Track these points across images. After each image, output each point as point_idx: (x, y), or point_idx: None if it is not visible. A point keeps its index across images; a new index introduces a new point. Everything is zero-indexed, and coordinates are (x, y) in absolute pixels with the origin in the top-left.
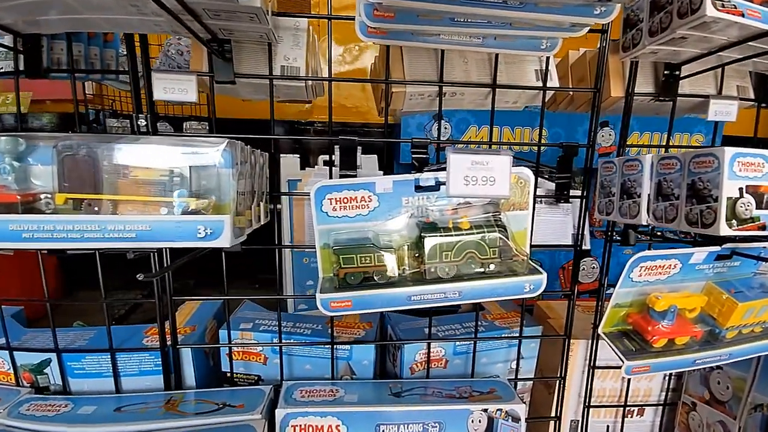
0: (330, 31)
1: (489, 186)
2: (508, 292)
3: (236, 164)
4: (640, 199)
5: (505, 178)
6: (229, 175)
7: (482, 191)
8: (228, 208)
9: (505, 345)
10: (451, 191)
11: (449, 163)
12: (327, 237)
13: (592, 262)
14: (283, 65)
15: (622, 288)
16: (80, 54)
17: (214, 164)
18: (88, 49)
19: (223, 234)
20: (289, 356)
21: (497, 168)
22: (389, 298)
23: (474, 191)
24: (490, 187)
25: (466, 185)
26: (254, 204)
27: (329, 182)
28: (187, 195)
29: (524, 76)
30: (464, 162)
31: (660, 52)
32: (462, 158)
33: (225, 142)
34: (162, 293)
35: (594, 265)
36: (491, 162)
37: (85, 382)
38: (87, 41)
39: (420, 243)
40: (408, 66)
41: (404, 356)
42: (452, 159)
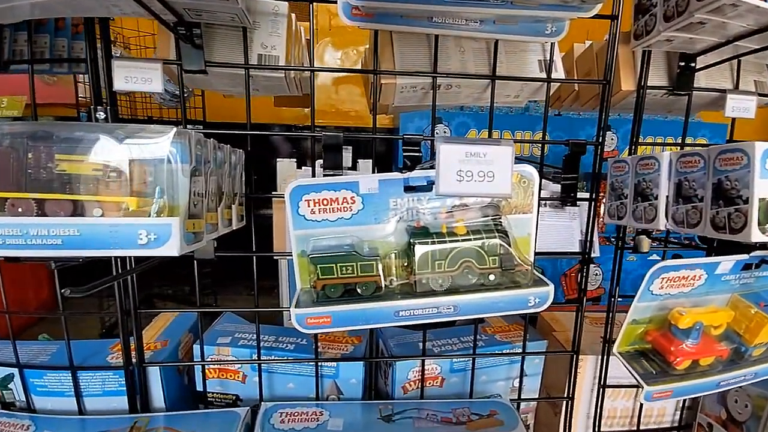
0: (312, 16)
1: (487, 183)
2: (510, 306)
3: (190, 159)
4: (657, 201)
5: (506, 173)
6: (179, 171)
7: (479, 189)
8: (179, 210)
9: (506, 361)
10: (442, 189)
11: (439, 155)
12: (304, 243)
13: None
14: (260, 54)
15: (641, 302)
16: (45, 45)
17: (162, 158)
18: (55, 40)
19: (171, 240)
20: (269, 374)
21: (497, 161)
22: (374, 314)
23: (469, 189)
24: (489, 184)
25: (459, 181)
26: (222, 206)
27: (306, 181)
28: (128, 194)
29: (526, 67)
30: (457, 153)
31: (675, 41)
32: (454, 149)
33: (173, 131)
34: (126, 305)
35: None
36: (489, 154)
37: (48, 401)
38: (54, 32)
39: (409, 250)
40: (399, 55)
41: (396, 374)
42: (443, 150)
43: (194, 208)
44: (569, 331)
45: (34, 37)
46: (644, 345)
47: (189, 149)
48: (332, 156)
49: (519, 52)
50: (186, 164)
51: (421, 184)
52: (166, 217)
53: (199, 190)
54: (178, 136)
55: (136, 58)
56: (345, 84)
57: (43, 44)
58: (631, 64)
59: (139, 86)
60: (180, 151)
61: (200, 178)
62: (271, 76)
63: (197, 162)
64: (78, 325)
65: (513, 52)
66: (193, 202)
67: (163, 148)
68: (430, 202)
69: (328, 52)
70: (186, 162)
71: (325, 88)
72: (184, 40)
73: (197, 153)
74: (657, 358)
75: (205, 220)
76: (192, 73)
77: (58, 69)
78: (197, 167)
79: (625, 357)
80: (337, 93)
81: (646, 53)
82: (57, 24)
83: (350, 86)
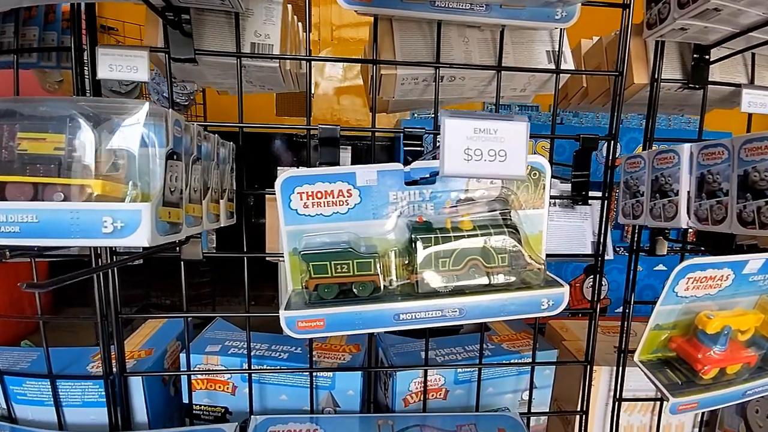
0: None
1: (498, 163)
2: (521, 309)
3: (167, 140)
4: (677, 197)
5: (520, 152)
6: (155, 156)
7: (489, 169)
8: (152, 196)
9: (514, 372)
10: (447, 169)
11: (443, 131)
12: (297, 240)
13: None
14: (253, 42)
15: (665, 305)
16: (34, 38)
17: (133, 137)
18: (44, 33)
19: (141, 229)
20: (261, 385)
21: (509, 138)
22: (371, 317)
23: (477, 169)
24: (500, 164)
25: (466, 161)
26: (207, 199)
27: (298, 172)
28: (92, 177)
29: (534, 58)
30: (464, 129)
31: (690, 29)
32: (461, 124)
33: (145, 106)
34: (106, 309)
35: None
36: (501, 130)
37: (29, 409)
38: (43, 25)
39: (411, 248)
40: (400, 45)
41: (397, 385)
42: (448, 125)
43: (170, 196)
44: (581, 340)
45: (23, 29)
46: (668, 353)
47: (166, 130)
48: (328, 151)
49: (526, 42)
50: (162, 146)
51: (423, 176)
52: (137, 202)
53: (178, 176)
54: (153, 114)
55: (122, 45)
56: (347, 95)
57: (31, 37)
58: (643, 56)
59: (124, 75)
60: (155, 131)
61: (178, 163)
62: (264, 66)
63: (176, 145)
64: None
65: (520, 43)
66: (170, 189)
67: (136, 127)
68: (433, 196)
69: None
70: (162, 144)
71: (327, 98)
72: (172, 26)
73: (176, 135)
74: (683, 367)
75: (184, 211)
76: (180, 62)
77: (46, 63)
78: (175, 151)
79: (647, 366)
80: (339, 103)
81: (659, 44)
82: (47, 17)
83: (352, 97)
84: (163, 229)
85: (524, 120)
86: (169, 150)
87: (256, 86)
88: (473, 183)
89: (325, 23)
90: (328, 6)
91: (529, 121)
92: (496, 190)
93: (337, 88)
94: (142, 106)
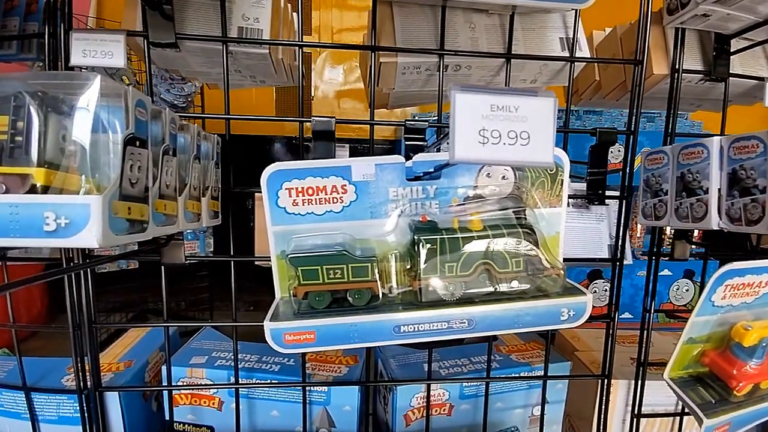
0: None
1: (520, 147)
2: (537, 320)
3: (127, 122)
4: (706, 195)
5: (546, 134)
6: (111, 141)
7: (509, 155)
8: (106, 188)
9: (524, 386)
10: (458, 154)
11: (454, 108)
12: (285, 242)
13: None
14: (241, 26)
15: (700, 315)
16: (15, 29)
17: (85, 117)
18: (25, 24)
19: (89, 227)
20: (249, 400)
21: (533, 117)
22: (368, 329)
23: (495, 154)
24: (522, 148)
25: (481, 144)
26: (184, 196)
27: (287, 165)
28: (35, 165)
29: (546, 45)
30: (478, 106)
31: (712, 16)
32: (474, 100)
33: (96, 81)
34: (79, 318)
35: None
36: (524, 107)
37: (6, 422)
38: (24, 16)
39: (413, 250)
40: (401, 30)
41: (397, 401)
42: (459, 101)
43: (131, 188)
44: (594, 350)
45: (3, 20)
46: (699, 368)
47: (125, 111)
48: (323, 146)
49: (537, 28)
50: (120, 130)
51: (427, 170)
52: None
53: (142, 166)
54: (108, 92)
55: (97, 29)
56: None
57: (12, 27)
58: (662, 46)
59: (98, 61)
60: (111, 112)
61: (142, 150)
62: (253, 52)
63: (139, 130)
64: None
65: (531, 29)
66: (129, 180)
67: (88, 107)
68: (438, 192)
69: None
70: (120, 127)
71: (327, 102)
72: (151, 7)
73: (139, 118)
74: (715, 384)
75: (152, 207)
76: (161, 47)
77: (26, 54)
78: (138, 136)
79: (677, 384)
80: (339, 107)
81: (680, 32)
82: (29, 7)
83: (353, 101)
84: (119, 228)
85: (550, 95)
86: (129, 134)
87: (247, 77)
88: (483, 178)
89: (325, 27)
90: (328, 10)
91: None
92: (509, 186)
93: (337, 92)
94: (93, 80)
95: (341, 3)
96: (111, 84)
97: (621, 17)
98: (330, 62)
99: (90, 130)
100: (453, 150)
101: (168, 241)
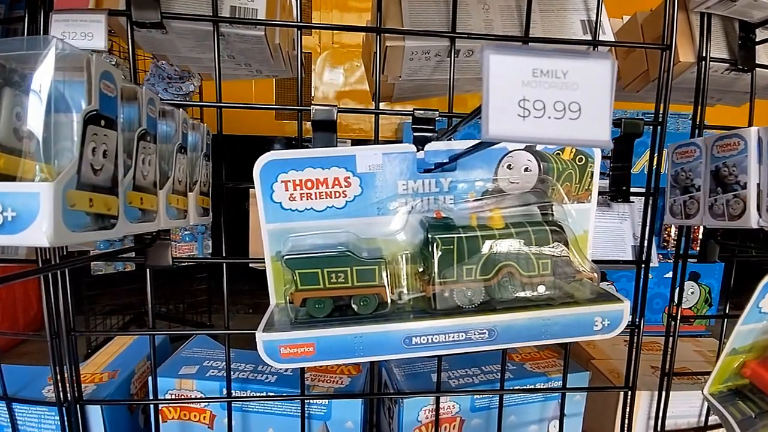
0: None
1: (569, 122)
2: (567, 331)
3: (90, 98)
4: (744, 191)
5: (602, 104)
6: (73, 122)
7: (555, 131)
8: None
9: (540, 398)
10: (493, 129)
11: (486, 73)
12: (281, 242)
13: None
14: (234, 5)
15: (746, 324)
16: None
17: (37, 90)
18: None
19: (38, 220)
20: (243, 413)
21: (586, 83)
22: (375, 341)
23: (537, 131)
24: (572, 123)
25: (522, 118)
26: (165, 190)
27: (284, 154)
28: None
29: (566, 28)
30: (517, 70)
31: (739, 2)
32: (514, 62)
33: (51, 46)
34: (57, 326)
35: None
36: (574, 71)
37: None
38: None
39: (426, 251)
40: (408, 12)
41: (404, 415)
42: (494, 64)
43: (93, 176)
44: (612, 359)
45: None
46: (738, 381)
47: (88, 84)
48: (323, 137)
49: (557, 10)
50: (79, 107)
51: (441, 160)
52: (39, 182)
53: (108, 150)
54: (65, 61)
55: (77, 9)
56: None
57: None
58: (688, 33)
59: (78, 43)
60: (70, 86)
61: (108, 132)
62: (247, 34)
63: (104, 107)
64: None
65: (549, 11)
66: (92, 165)
67: (44, 80)
68: (454, 185)
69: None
70: (80, 103)
71: (328, 102)
72: None
73: (105, 93)
74: (756, 396)
75: (125, 200)
76: (146, 28)
77: None
78: (103, 114)
79: (717, 399)
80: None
81: (705, 18)
82: None
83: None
84: (78, 223)
85: (608, 57)
86: (91, 111)
87: (242, 65)
88: (503, 170)
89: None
90: (329, 11)
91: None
92: (532, 179)
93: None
94: (49, 47)
95: (342, 4)
96: (71, 51)
97: (639, 4)
98: (330, 63)
99: (45, 106)
100: (486, 125)
101: (153, 241)
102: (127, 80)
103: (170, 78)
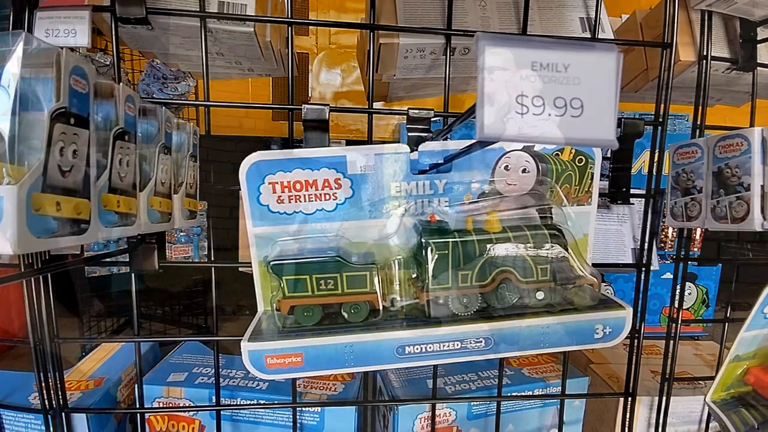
0: None
1: (571, 119)
2: (567, 339)
3: (58, 94)
4: (748, 193)
5: (607, 100)
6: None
7: (556, 129)
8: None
9: (538, 404)
10: (487, 128)
11: (482, 66)
12: (268, 246)
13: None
14: (222, 1)
15: (750, 330)
16: None
17: (8, 87)
18: None
19: (2, 225)
20: (233, 422)
21: (590, 78)
22: (367, 351)
23: (536, 128)
24: (574, 121)
25: (520, 115)
26: (146, 193)
27: (271, 155)
28: None
29: (564, 26)
30: (515, 62)
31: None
32: (510, 54)
33: (20, 41)
34: (40, 332)
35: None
36: (577, 64)
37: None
38: None
39: (420, 256)
40: (403, 8)
41: (399, 422)
42: (490, 56)
43: (61, 178)
44: (611, 363)
45: None
46: (741, 388)
47: (57, 80)
48: (315, 136)
49: (555, 7)
50: (46, 104)
51: (436, 161)
52: None
53: (78, 150)
54: (33, 57)
55: (62, 6)
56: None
57: None
58: (688, 31)
59: (61, 40)
60: (37, 82)
61: (79, 130)
62: (236, 31)
63: (75, 104)
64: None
65: (548, 8)
66: (60, 166)
67: (10, 77)
68: (448, 187)
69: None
70: (48, 100)
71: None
72: None
73: (75, 89)
74: (759, 404)
75: (98, 203)
76: (130, 24)
77: None
78: (73, 112)
79: (720, 407)
80: (340, 117)
81: (706, 17)
82: None
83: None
84: (43, 228)
85: (613, 49)
86: (59, 108)
87: (232, 63)
88: (500, 171)
89: (323, 29)
90: (326, 12)
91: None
92: (530, 180)
93: (336, 93)
94: (17, 42)
95: (339, 5)
96: (41, 47)
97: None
98: (327, 64)
99: (12, 103)
100: (481, 122)
101: (137, 245)
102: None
103: (165, 78)
